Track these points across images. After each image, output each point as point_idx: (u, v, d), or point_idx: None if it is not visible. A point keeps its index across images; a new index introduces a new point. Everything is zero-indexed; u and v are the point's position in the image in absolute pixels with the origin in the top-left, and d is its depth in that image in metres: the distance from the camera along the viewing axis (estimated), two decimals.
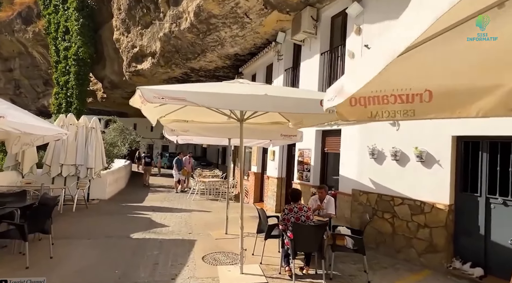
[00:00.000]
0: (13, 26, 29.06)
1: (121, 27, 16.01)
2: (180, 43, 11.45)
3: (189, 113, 5.04)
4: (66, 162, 8.92)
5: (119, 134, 14.64)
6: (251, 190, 10.31)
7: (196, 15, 9.12)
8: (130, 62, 16.54)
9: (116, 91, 22.30)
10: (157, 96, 2.70)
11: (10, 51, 32.29)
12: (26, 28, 27.85)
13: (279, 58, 8.71)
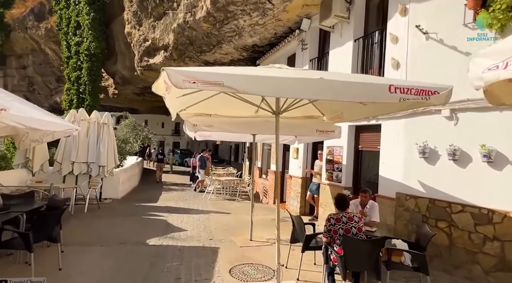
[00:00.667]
0: (26, 23, 29.14)
1: (133, 20, 15.51)
2: (195, 34, 10.84)
3: (213, 106, 4.42)
4: (77, 160, 8.47)
5: (131, 131, 14.21)
6: (270, 190, 9.69)
7: (214, 2, 8.48)
8: (142, 56, 16.06)
9: (128, 87, 21.94)
10: (188, 80, 2.10)
11: (24, 48, 32.50)
12: (38, 24, 27.85)
13: (304, 47, 8.00)
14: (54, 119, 5.47)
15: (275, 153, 9.72)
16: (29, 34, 29.53)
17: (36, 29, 28.09)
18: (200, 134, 6.23)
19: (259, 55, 11.45)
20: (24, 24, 29.29)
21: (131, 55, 18.17)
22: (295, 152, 8.19)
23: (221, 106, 4.53)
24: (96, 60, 19.26)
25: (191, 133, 5.88)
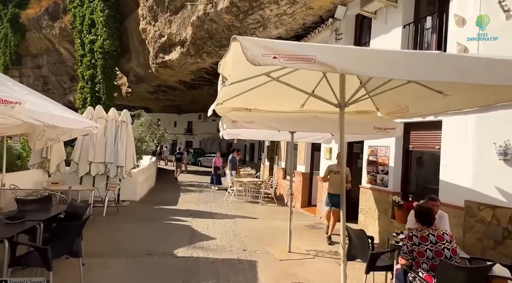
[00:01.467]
0: (40, 23, 29.31)
1: (148, 15, 15.07)
2: (215, 27, 10.27)
3: (253, 99, 3.81)
4: (95, 160, 8.01)
5: (147, 129, 13.76)
6: (297, 193, 9.04)
7: None
8: (157, 53, 15.61)
9: (142, 85, 21.59)
10: (269, 54, 1.49)
11: (39, 48, 32.79)
12: (53, 24, 27.96)
13: (338, 37, 7.32)
14: (73, 116, 4.96)
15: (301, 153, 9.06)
16: (43, 33, 29.71)
17: (51, 28, 28.21)
18: (228, 132, 5.66)
19: None
20: (39, 24, 29.48)
21: (145, 52, 17.78)
22: (328, 152, 7.52)
23: (262, 100, 3.92)
24: (110, 58, 18.94)
25: (224, 131, 5.31)
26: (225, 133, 5.69)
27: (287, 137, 6.02)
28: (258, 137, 6.94)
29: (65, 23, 25.85)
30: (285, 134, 5.89)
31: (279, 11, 8.07)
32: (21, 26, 31.92)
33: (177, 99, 24.49)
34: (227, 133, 5.62)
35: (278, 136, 6.20)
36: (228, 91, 3.49)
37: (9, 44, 34.18)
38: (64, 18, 26.11)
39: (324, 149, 7.69)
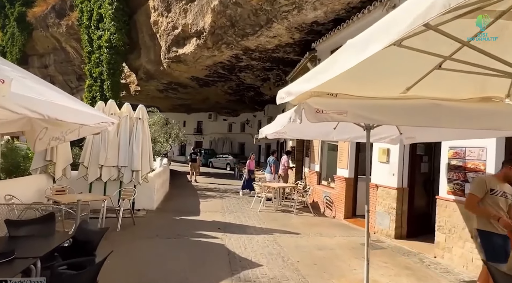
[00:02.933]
0: (47, 21, 28.68)
1: (160, 6, 13.96)
2: (240, 12, 9.08)
3: (337, 80, 2.58)
4: (106, 163, 6.88)
5: (160, 129, 12.63)
6: (338, 201, 7.79)
7: None
8: (170, 46, 14.50)
9: (152, 83, 20.55)
10: None
11: (45, 47, 32.20)
12: (59, 22, 27.29)
13: None
14: (84, 107, 3.79)
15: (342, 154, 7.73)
16: (50, 32, 29.05)
17: (57, 26, 27.55)
18: (274, 131, 4.45)
19: (314, 37, 9.56)
20: (45, 22, 28.84)
21: (156, 47, 16.72)
22: (383, 154, 6.26)
23: (348, 81, 2.69)
24: (117, 53, 17.89)
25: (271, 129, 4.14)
26: (271, 132, 4.50)
27: (350, 136, 4.81)
28: (308, 136, 5.69)
29: (72, 20, 25.08)
30: (346, 131, 4.68)
31: None
32: (27, 24, 31.30)
33: (187, 97, 23.41)
34: (275, 131, 4.43)
35: (337, 134, 4.96)
36: None
37: (16, 43, 33.61)
38: (71, 15, 25.35)
39: (378, 150, 6.43)
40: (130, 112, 7.21)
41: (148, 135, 7.45)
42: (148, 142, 7.35)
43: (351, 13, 7.65)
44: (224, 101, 22.82)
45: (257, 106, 21.97)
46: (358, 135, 4.87)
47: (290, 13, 8.16)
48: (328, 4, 7.38)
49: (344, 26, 7.68)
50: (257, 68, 14.02)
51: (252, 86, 17.23)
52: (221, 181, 16.36)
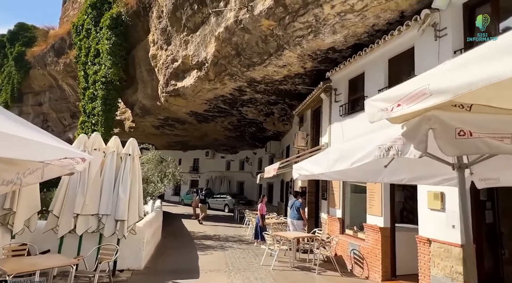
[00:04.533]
0: (45, 60, 28.71)
1: (160, 39, 13.43)
2: (247, 39, 8.30)
3: None
4: (84, 212, 5.43)
5: (155, 167, 11.27)
6: (372, 257, 6.28)
7: None
8: (168, 80, 13.72)
9: (147, 118, 19.58)
10: None
11: (41, 85, 31.97)
12: (57, 60, 27.30)
13: (439, 34, 5.20)
14: (48, 139, 2.54)
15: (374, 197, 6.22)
16: (47, 70, 28.93)
17: (55, 64, 27.49)
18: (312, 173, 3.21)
19: (327, 66, 8.75)
20: (43, 61, 28.85)
21: (153, 82, 16.02)
22: (436, 200, 4.95)
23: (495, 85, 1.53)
24: (113, 88, 17.12)
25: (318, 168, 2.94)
26: (303, 172, 3.28)
27: (408, 177, 3.58)
28: (351, 177, 4.38)
29: (70, 58, 24.99)
30: (404, 170, 3.48)
31: (344, 7, 6.06)
32: (25, 63, 31.30)
33: (184, 134, 22.36)
34: (307, 171, 3.19)
35: (389, 175, 3.71)
36: None
37: (12, 82, 33.34)
38: (69, 53, 25.31)
39: (427, 194, 5.13)
40: (118, 147, 5.95)
41: (139, 175, 6.11)
42: (138, 184, 5.98)
43: (374, 37, 6.85)
44: (223, 138, 21.76)
45: (257, 142, 20.90)
46: (420, 175, 3.65)
47: (305, 38, 7.35)
48: (350, 27, 6.57)
49: (367, 51, 6.82)
50: (261, 102, 13.15)
51: (254, 122, 16.28)
52: (220, 224, 14.62)
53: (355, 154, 2.08)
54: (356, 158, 2.05)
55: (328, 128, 8.72)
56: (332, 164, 2.48)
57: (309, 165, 3.14)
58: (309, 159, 3.29)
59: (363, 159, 1.96)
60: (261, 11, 7.06)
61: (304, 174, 3.28)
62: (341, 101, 8.15)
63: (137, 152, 6.04)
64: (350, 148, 2.25)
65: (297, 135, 11.00)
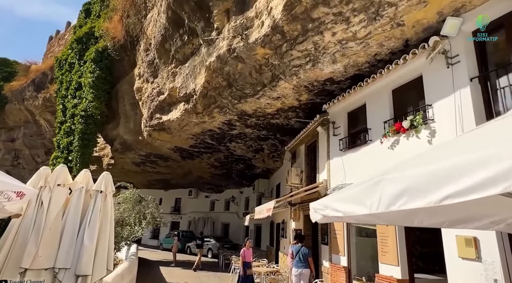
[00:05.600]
0: (24, 94, 27.76)
1: (146, 72, 12.98)
2: (240, 68, 7.88)
3: None
4: (34, 265, 4.24)
5: (132, 207, 10.03)
6: None
7: (288, 7, 5.66)
8: (153, 113, 13.03)
9: (128, 155, 18.44)
10: None
11: (17, 120, 30.52)
12: (37, 95, 26.45)
13: (451, 61, 4.87)
14: None
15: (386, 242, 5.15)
16: (25, 105, 27.81)
17: (34, 99, 26.54)
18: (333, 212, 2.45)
19: (323, 99, 8.37)
20: (22, 96, 27.85)
21: (137, 116, 15.29)
22: (468, 247, 4.19)
23: None
24: (92, 122, 16.19)
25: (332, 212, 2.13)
26: (329, 213, 2.50)
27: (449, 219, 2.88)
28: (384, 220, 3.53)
29: (50, 92, 24.19)
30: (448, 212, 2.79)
31: (346, 34, 5.77)
32: (2, 97, 30.03)
33: (167, 171, 21.15)
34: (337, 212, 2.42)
35: (428, 217, 2.97)
36: None
37: None
38: (50, 87, 24.55)
39: (457, 239, 4.36)
40: (87, 183, 4.95)
41: (112, 217, 5.04)
42: (109, 227, 4.90)
43: (375, 67, 6.56)
44: (208, 176, 20.67)
45: (245, 181, 19.91)
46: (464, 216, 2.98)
47: (302, 68, 6.98)
48: (351, 56, 6.26)
49: (368, 82, 6.46)
50: (251, 137, 12.54)
51: (242, 158, 15.51)
52: (203, 274, 13.00)
53: (449, 183, 1.34)
54: (454, 189, 1.30)
55: (327, 164, 8.06)
56: (390, 201, 1.71)
57: (340, 204, 2.36)
58: (339, 196, 2.51)
59: (476, 191, 1.22)
60: (257, 39, 6.70)
61: (332, 215, 2.48)
62: (341, 134, 7.63)
63: (111, 189, 5.04)
64: (427, 175, 1.51)
65: (290, 172, 10.25)
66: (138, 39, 13.37)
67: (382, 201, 1.78)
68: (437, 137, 5.01)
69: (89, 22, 19.86)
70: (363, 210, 1.97)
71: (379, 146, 6.18)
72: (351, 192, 2.27)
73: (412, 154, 5.43)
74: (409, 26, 5.27)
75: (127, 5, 13.18)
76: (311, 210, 2.88)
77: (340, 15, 5.42)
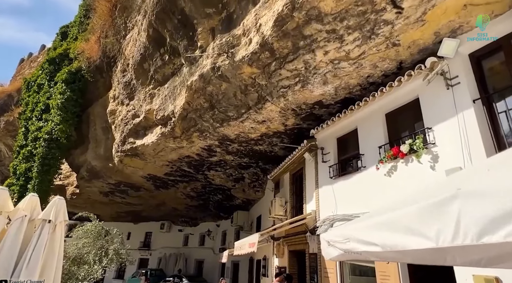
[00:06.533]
0: None
1: (122, 93, 12.24)
2: (225, 88, 7.40)
3: None
4: None
5: (93, 242, 8.71)
6: None
7: (279, 23, 5.36)
8: (126, 137, 12.09)
9: (95, 183, 16.90)
10: None
11: None
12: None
13: (451, 82, 4.64)
14: None
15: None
16: None
17: None
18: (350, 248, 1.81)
19: (310, 124, 8.00)
20: None
21: (108, 141, 14.21)
22: None
23: None
24: (56, 147, 14.82)
25: None
26: (354, 247, 1.85)
27: None
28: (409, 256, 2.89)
29: (14, 115, 22.44)
30: None
31: (339, 53, 5.50)
32: None
33: (138, 202, 19.54)
34: (366, 245, 1.77)
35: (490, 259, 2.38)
36: None
37: None
38: (14, 110, 22.83)
39: (475, 280, 3.78)
40: (33, 210, 3.98)
41: (60, 253, 4.02)
42: (55, 266, 3.87)
43: (366, 90, 6.30)
44: (183, 207, 19.29)
45: (222, 213, 18.73)
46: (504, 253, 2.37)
47: (291, 89, 6.60)
48: (343, 77, 5.97)
49: (360, 105, 6.15)
50: (232, 165, 11.82)
51: (221, 188, 14.58)
52: None
53: None
54: None
55: (315, 193, 7.46)
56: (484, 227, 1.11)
57: (374, 234, 1.72)
58: (368, 222, 1.88)
59: None
60: (244, 56, 6.31)
61: (361, 250, 1.83)
62: (330, 161, 7.15)
63: (63, 218, 4.08)
64: None
65: (274, 203, 9.52)
66: (115, 60, 12.74)
67: (464, 228, 1.17)
68: (440, 161, 4.61)
69: (64, 44, 19.11)
70: (423, 242, 1.35)
71: (375, 173, 5.71)
72: (392, 217, 1.65)
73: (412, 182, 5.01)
74: (405, 46, 5.08)
75: (106, 26, 12.71)
76: (323, 243, 2.21)
77: (334, 33, 5.17)
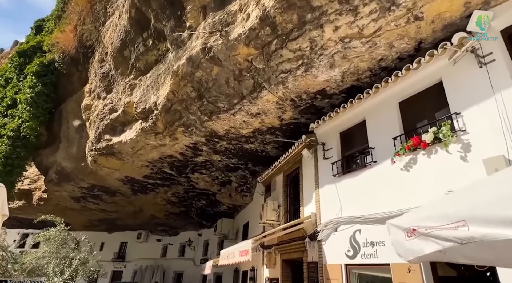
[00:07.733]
0: None
1: (99, 86, 11.12)
2: (216, 74, 6.54)
3: None
4: None
5: (56, 251, 7.43)
6: None
7: None
8: (102, 134, 10.92)
9: (65, 187, 15.34)
10: None
11: None
12: None
13: (484, 60, 4.02)
14: None
15: None
16: None
17: None
18: None
19: (309, 118, 7.25)
20: None
21: (82, 140, 12.92)
22: None
23: None
24: (22, 145, 13.36)
25: None
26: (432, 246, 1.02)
27: None
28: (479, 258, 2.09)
29: None
30: None
31: (351, 29, 4.80)
32: None
33: (113, 209, 18.01)
34: None
35: None
36: None
37: None
38: None
39: None
40: None
41: None
42: None
43: (376, 77, 5.65)
44: (162, 215, 17.95)
45: (205, 221, 17.54)
46: None
47: (292, 74, 5.84)
48: (353, 59, 5.27)
49: (370, 93, 5.46)
50: (218, 166, 10.86)
51: (205, 193, 13.51)
52: None
53: None
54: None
55: (315, 194, 6.65)
56: None
57: None
58: None
59: None
60: (240, 34, 5.51)
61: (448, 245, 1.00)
62: (333, 157, 6.38)
63: (4, 211, 3.03)
64: None
65: (265, 207, 8.62)
66: (93, 50, 11.64)
67: None
68: (473, 151, 3.93)
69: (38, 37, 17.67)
70: None
71: (389, 168, 4.98)
72: None
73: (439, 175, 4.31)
74: (428, 21, 4.45)
75: (84, 12, 11.62)
76: (400, 235, 1.38)
77: (347, 3, 4.48)
